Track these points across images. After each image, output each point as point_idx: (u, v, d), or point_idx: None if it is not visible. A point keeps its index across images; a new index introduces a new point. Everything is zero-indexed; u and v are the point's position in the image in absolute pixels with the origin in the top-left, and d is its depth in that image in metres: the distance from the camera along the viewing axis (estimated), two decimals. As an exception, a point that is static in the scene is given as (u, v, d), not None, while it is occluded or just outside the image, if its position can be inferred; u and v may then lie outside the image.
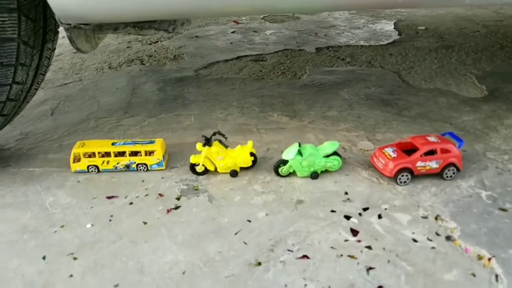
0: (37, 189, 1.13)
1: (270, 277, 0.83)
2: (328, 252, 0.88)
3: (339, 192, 1.07)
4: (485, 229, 0.92)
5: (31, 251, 0.92)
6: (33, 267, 0.88)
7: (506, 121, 1.38)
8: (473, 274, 0.81)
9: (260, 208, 1.02)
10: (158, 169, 1.18)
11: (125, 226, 0.98)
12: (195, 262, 0.87)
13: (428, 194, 1.04)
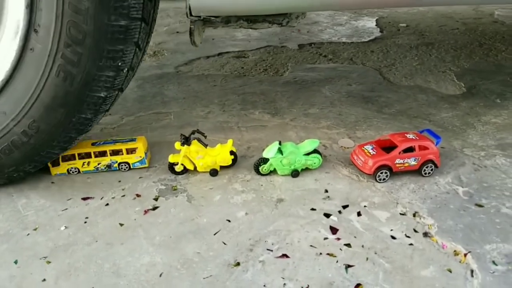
0: (9, 191, 1.09)
1: (249, 277, 0.82)
2: (308, 251, 0.88)
3: (319, 190, 1.06)
4: (462, 225, 0.93)
5: (2, 255, 0.89)
6: (4, 271, 0.85)
7: (483, 118, 1.40)
8: (449, 270, 0.82)
9: (240, 208, 1.01)
10: (141, 167, 1.16)
11: (100, 228, 0.96)
12: (173, 263, 0.86)
13: (406, 191, 1.04)
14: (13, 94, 0.98)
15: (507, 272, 0.82)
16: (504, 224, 0.94)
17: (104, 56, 0.94)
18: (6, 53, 0.95)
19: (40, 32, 0.92)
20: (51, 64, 0.93)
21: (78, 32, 0.91)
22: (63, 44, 0.92)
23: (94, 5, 0.89)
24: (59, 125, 1.00)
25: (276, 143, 1.11)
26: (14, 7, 0.93)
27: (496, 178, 1.09)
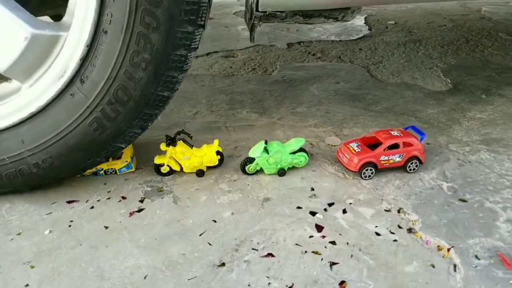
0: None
1: (234, 277, 0.82)
2: (293, 249, 0.88)
3: (305, 188, 1.06)
4: (445, 220, 0.94)
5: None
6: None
7: (468, 114, 1.41)
8: (432, 265, 0.83)
9: (226, 208, 1.01)
10: (128, 172, 1.15)
11: (85, 231, 0.96)
12: (157, 265, 0.85)
13: (391, 187, 1.05)
14: (38, 127, 0.99)
15: (489, 266, 0.82)
16: (487, 219, 0.95)
17: (140, 117, 0.99)
18: (45, 90, 0.97)
19: (86, 83, 0.94)
20: (88, 114, 0.96)
21: (125, 95, 0.94)
22: (106, 101, 0.95)
23: (148, 76, 0.93)
24: (73, 165, 1.03)
25: (262, 143, 1.11)
26: (67, 54, 0.95)
27: (480, 173, 1.10)
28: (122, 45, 0.91)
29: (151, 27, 0.89)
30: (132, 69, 0.92)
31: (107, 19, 0.90)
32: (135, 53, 0.91)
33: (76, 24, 0.93)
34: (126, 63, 0.92)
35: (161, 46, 0.91)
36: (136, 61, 0.91)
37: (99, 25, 0.91)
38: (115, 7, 0.88)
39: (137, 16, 0.88)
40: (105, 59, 0.92)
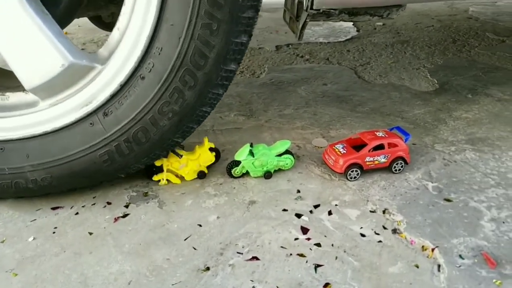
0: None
1: (218, 281, 0.82)
2: (278, 252, 0.88)
3: (291, 191, 1.06)
4: (430, 220, 0.94)
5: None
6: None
7: (454, 113, 1.42)
8: (416, 266, 0.83)
9: (212, 211, 1.00)
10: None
11: (69, 238, 0.95)
12: (141, 271, 0.85)
13: (377, 188, 1.05)
14: (47, 146, 0.99)
15: (473, 266, 0.83)
16: (471, 218, 0.95)
17: (150, 156, 1.02)
18: (65, 114, 0.98)
19: (109, 118, 0.97)
20: (101, 146, 0.98)
21: (144, 137, 0.97)
22: (124, 139, 0.97)
23: (171, 125, 0.97)
24: (69, 187, 1.05)
25: (247, 146, 1.10)
26: (97, 86, 0.96)
27: (465, 172, 1.11)
28: (156, 94, 0.94)
29: (188, 85, 0.93)
30: (158, 116, 0.95)
31: (148, 67, 0.93)
32: (165, 104, 0.94)
33: (114, 62, 0.95)
34: (154, 110, 0.95)
35: (191, 102, 0.96)
36: (165, 111, 0.95)
37: (138, 70, 0.94)
38: (158, 59, 0.92)
39: (178, 73, 0.92)
40: (135, 101, 0.95)
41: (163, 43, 0.91)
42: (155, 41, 0.91)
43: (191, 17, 0.88)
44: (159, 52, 0.92)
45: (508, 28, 2.34)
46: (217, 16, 0.88)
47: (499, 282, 0.79)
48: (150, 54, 0.92)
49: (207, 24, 0.88)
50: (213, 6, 0.87)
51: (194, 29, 0.89)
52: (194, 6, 0.87)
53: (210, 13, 0.88)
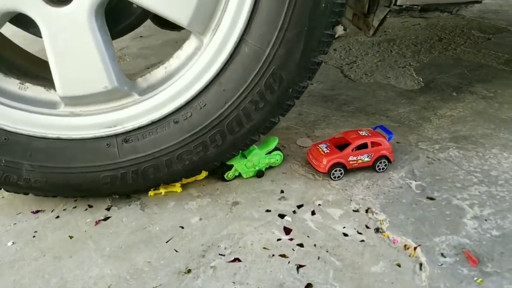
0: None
1: (199, 284, 0.81)
2: (260, 253, 0.87)
3: (275, 191, 1.06)
4: (413, 219, 0.94)
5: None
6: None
7: (439, 112, 1.42)
8: (398, 265, 0.83)
9: (194, 213, 0.99)
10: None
11: (49, 242, 0.93)
12: (122, 274, 0.84)
13: (360, 187, 1.05)
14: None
15: (455, 264, 0.83)
16: (454, 216, 0.95)
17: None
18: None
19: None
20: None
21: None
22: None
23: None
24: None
25: None
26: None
27: (449, 170, 1.11)
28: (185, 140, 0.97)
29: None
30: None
31: (183, 117, 0.96)
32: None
33: (155, 99, 0.96)
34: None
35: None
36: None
37: (173, 115, 0.95)
38: (198, 112, 0.95)
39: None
40: (153, 141, 0.97)
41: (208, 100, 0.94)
42: (199, 98, 0.94)
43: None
44: (201, 107, 0.94)
45: (494, 26, 2.36)
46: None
47: (480, 280, 0.79)
48: (191, 106, 0.94)
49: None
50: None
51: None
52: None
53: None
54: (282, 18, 0.87)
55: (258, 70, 0.91)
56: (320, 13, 0.88)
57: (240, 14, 0.88)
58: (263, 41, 0.89)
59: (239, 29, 0.88)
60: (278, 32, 0.88)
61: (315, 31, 0.90)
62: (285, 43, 0.89)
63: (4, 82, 0.97)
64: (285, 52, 0.90)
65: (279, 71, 0.92)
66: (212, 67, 0.92)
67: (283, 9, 0.87)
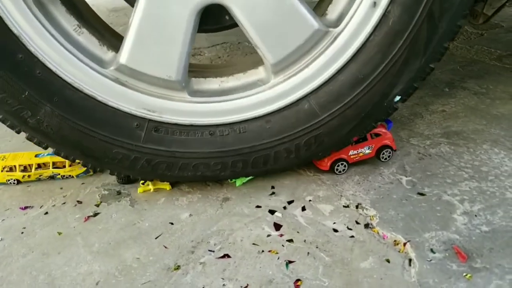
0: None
1: (188, 280, 0.80)
2: (250, 249, 0.87)
3: (266, 187, 1.05)
4: (403, 215, 0.94)
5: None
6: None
7: (431, 107, 1.42)
8: (387, 260, 0.83)
9: (184, 209, 0.99)
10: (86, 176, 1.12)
11: (37, 238, 0.92)
12: (110, 271, 0.83)
13: (351, 183, 1.05)
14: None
15: (444, 260, 0.83)
16: (444, 212, 0.95)
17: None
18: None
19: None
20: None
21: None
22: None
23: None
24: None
25: None
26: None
27: (440, 166, 1.11)
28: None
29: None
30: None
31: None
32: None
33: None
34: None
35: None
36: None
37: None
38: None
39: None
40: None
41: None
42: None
43: None
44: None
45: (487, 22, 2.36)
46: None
47: (469, 275, 0.80)
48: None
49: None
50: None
51: None
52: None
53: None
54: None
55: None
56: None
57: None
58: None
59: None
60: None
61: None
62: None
63: (63, 17, 0.93)
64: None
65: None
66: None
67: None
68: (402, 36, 0.90)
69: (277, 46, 0.92)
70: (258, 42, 0.91)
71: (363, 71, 0.92)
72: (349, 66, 0.93)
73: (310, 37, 0.92)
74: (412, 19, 0.89)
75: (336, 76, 0.94)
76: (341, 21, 0.93)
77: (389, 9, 0.89)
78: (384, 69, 0.93)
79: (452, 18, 0.90)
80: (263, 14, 0.89)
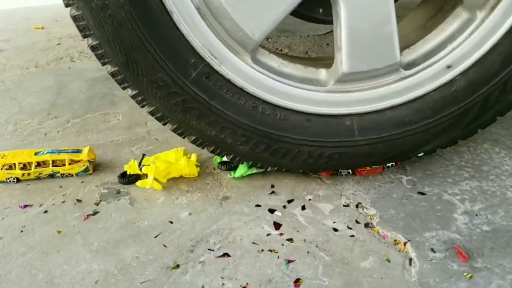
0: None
1: (188, 279, 0.80)
2: (249, 248, 0.87)
3: (265, 186, 1.05)
4: (403, 214, 0.94)
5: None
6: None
7: (431, 106, 1.42)
8: (388, 260, 0.83)
9: (184, 208, 0.99)
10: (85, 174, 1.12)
11: (37, 237, 0.92)
12: (110, 270, 0.83)
13: (351, 182, 1.05)
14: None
15: (445, 259, 0.83)
16: (444, 211, 0.95)
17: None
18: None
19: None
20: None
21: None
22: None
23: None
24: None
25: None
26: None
27: (440, 165, 1.11)
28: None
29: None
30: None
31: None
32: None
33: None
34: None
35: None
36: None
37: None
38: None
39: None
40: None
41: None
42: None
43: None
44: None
45: None
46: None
47: (470, 275, 0.79)
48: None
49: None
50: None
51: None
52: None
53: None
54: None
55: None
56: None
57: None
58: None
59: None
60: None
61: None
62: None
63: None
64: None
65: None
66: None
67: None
68: (456, 104, 0.97)
69: (359, 60, 0.94)
70: (344, 46, 0.92)
71: (411, 117, 0.98)
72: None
73: (386, 66, 0.94)
74: (472, 95, 0.97)
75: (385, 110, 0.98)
76: (412, 67, 0.97)
77: (457, 78, 0.96)
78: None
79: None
80: (363, 24, 0.90)
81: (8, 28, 2.64)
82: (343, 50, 0.93)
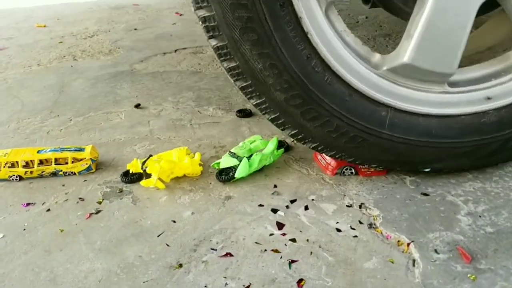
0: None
1: (191, 278, 0.80)
2: (252, 248, 0.86)
3: (268, 186, 1.05)
4: (406, 215, 0.94)
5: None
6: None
7: (434, 107, 1.41)
8: (391, 261, 0.82)
9: (187, 207, 0.98)
10: (88, 172, 1.12)
11: (40, 235, 0.92)
12: (112, 268, 0.83)
13: (354, 182, 1.04)
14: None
15: (448, 260, 0.82)
16: (448, 212, 0.95)
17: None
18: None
19: None
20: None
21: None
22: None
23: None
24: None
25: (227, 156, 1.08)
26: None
27: (443, 166, 1.11)
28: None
29: None
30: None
31: None
32: None
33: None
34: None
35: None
36: None
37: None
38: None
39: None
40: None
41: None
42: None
43: None
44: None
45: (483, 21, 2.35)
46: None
47: (474, 276, 0.79)
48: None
49: None
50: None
51: None
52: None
53: None
54: None
55: None
56: None
57: None
58: None
59: None
60: None
61: None
62: None
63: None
64: None
65: None
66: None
67: None
68: (480, 135, 0.99)
69: (423, 55, 0.92)
70: (417, 36, 0.90)
71: (438, 131, 0.99)
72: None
73: (441, 74, 0.95)
74: (497, 132, 0.99)
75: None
76: (455, 87, 0.98)
77: (490, 112, 0.98)
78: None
79: None
80: (443, 22, 0.89)
81: (10, 26, 2.63)
82: (414, 39, 0.91)
